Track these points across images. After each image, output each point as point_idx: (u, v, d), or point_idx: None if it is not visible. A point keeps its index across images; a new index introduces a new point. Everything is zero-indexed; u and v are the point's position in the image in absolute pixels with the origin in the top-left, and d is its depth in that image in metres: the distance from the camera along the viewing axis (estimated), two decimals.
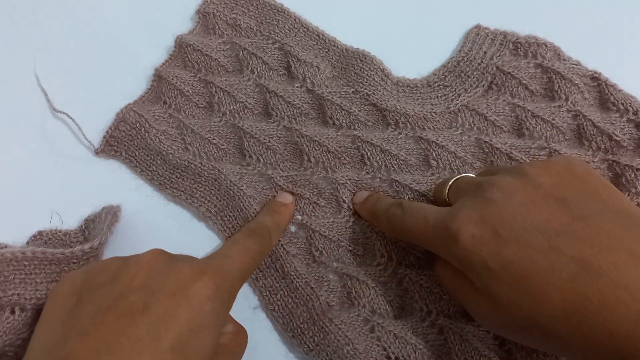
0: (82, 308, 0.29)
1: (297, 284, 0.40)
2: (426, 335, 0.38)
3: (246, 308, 0.40)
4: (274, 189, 0.43)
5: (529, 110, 0.44)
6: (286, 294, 0.40)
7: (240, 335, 0.34)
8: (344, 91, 0.45)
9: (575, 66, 0.45)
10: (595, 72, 0.45)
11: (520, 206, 0.30)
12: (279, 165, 0.44)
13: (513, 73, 0.45)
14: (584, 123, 0.43)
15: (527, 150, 0.42)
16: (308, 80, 0.46)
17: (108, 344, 0.27)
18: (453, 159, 0.43)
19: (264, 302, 0.40)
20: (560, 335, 0.27)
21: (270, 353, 0.39)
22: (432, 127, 0.44)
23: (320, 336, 0.38)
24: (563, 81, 0.44)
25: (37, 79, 0.47)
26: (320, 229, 0.41)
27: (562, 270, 0.27)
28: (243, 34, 0.48)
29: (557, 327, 0.27)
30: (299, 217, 0.42)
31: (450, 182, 0.37)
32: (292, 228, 0.42)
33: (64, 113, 0.45)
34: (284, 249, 0.41)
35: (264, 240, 0.37)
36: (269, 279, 0.40)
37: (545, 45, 0.46)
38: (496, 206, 0.30)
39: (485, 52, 0.46)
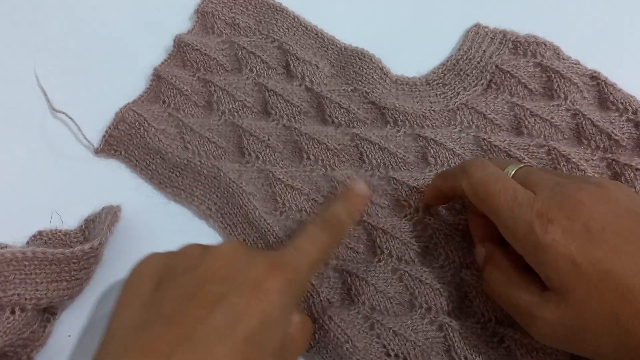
0: (164, 293, 0.31)
1: None
2: (426, 332, 0.38)
3: None
4: (274, 185, 0.43)
5: (527, 108, 0.44)
6: None
7: (305, 325, 0.35)
8: (343, 89, 0.45)
9: (574, 65, 0.45)
10: (595, 71, 0.45)
11: (607, 213, 0.31)
12: (278, 163, 0.44)
13: (512, 72, 0.45)
14: (583, 122, 0.43)
15: (526, 147, 0.42)
16: (307, 79, 0.46)
17: (189, 331, 0.28)
18: (451, 156, 0.43)
19: None
20: (638, 334, 0.28)
21: None
22: (430, 125, 0.44)
23: (320, 334, 0.38)
24: (562, 80, 0.44)
25: (37, 78, 0.47)
26: None
27: None
28: (242, 33, 0.48)
29: (638, 324, 0.28)
30: (298, 215, 0.42)
31: (517, 168, 0.36)
32: (293, 225, 0.42)
33: (64, 113, 0.45)
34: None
35: (336, 233, 0.37)
36: None
37: (545, 45, 0.46)
38: (587, 208, 0.31)
39: (484, 51, 0.46)
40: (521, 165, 0.36)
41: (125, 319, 0.30)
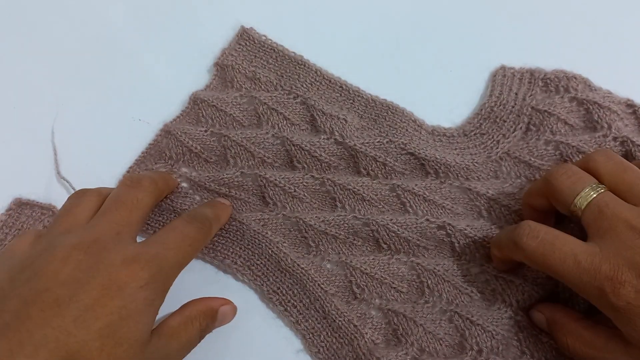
0: (5, 304, 0.30)
1: (340, 323, 0.39)
2: None
3: (289, 352, 0.39)
4: (303, 230, 0.41)
5: (573, 146, 0.42)
6: (329, 334, 0.39)
7: (190, 323, 0.35)
8: (378, 141, 0.44)
9: (608, 95, 0.45)
10: (629, 99, 0.44)
11: None
12: (307, 213, 0.42)
13: (550, 110, 0.44)
14: (632, 149, 0.42)
15: None
16: (336, 133, 0.44)
17: (31, 335, 0.28)
18: (507, 213, 0.41)
19: (307, 345, 0.39)
20: None
21: None
22: (476, 178, 0.43)
23: None
24: (601, 110, 0.43)
25: (52, 134, 0.46)
26: (360, 266, 0.40)
27: None
28: (262, 87, 0.46)
29: None
30: (335, 256, 0.41)
31: (595, 194, 0.34)
32: (328, 265, 0.41)
33: (66, 180, 0.43)
34: (322, 288, 0.40)
35: (203, 228, 0.37)
36: (310, 321, 0.40)
37: (575, 78, 0.45)
38: None
39: (516, 94, 0.45)
40: (600, 188, 0.34)
41: None
